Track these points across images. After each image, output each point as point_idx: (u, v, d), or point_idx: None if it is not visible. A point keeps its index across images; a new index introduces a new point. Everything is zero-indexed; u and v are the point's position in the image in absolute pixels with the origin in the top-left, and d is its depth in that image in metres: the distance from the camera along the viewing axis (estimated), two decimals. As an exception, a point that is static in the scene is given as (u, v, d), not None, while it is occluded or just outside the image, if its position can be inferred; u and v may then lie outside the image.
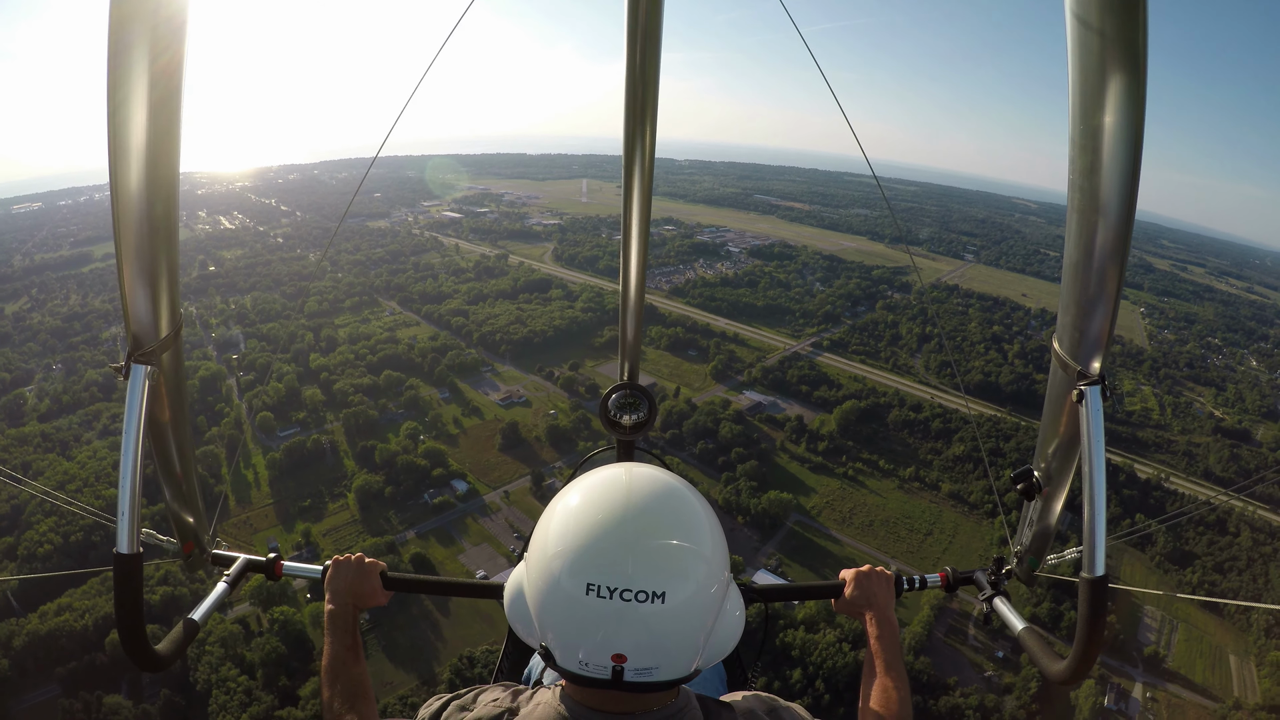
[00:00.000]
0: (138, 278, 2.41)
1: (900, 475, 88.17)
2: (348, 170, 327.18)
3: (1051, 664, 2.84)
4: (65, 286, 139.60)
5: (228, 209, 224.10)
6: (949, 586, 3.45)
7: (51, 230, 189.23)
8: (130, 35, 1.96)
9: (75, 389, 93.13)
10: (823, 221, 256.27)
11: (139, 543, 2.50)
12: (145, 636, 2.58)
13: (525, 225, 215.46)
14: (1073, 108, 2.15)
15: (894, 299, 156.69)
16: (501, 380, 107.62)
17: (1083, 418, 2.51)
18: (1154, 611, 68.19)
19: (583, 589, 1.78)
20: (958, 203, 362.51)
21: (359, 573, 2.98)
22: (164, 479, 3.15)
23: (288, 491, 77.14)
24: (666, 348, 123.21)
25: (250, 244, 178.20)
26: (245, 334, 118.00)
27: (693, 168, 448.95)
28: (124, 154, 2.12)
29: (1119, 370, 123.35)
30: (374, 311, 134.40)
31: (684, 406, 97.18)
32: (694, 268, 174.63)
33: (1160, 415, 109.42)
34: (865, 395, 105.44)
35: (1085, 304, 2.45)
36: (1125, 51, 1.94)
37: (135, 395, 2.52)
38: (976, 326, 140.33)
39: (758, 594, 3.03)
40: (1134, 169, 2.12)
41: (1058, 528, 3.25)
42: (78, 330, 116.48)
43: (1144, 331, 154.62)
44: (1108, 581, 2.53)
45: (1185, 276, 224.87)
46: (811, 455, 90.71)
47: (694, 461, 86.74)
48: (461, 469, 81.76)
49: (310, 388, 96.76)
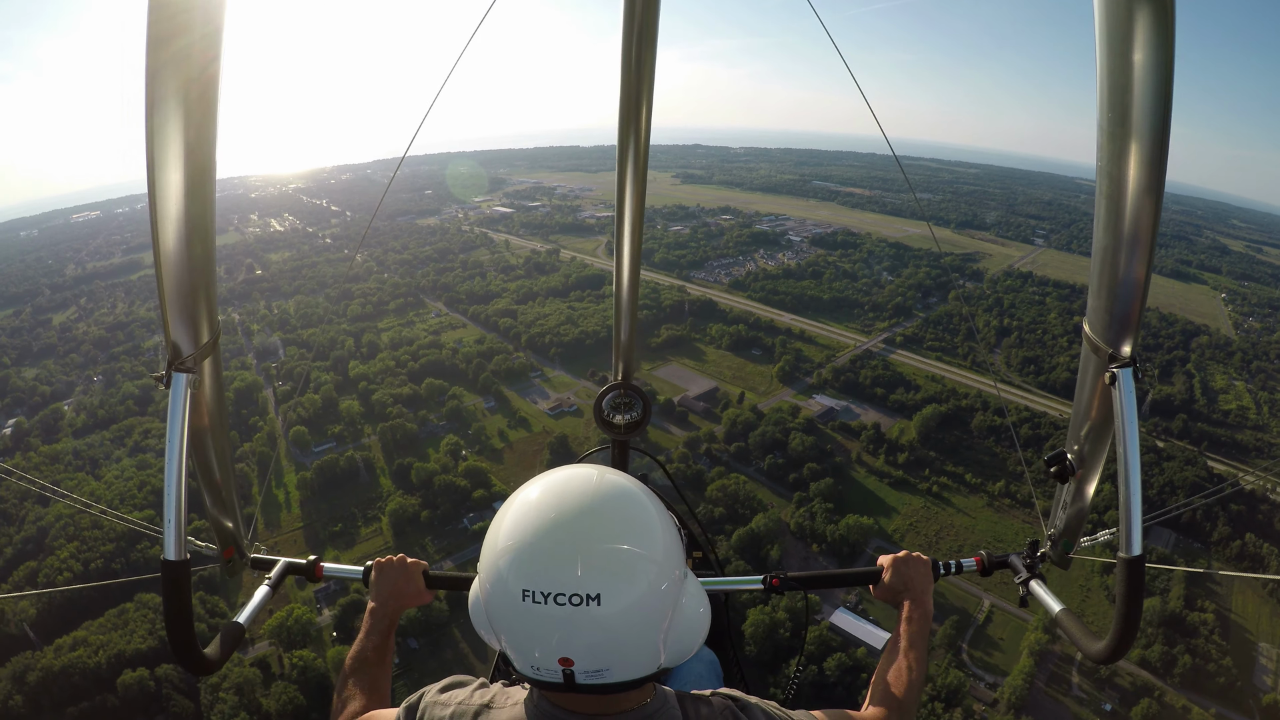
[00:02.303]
0: (176, 288, 2.45)
1: (989, 491, 79.84)
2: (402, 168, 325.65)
3: (1090, 644, 2.80)
4: (113, 294, 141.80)
5: (279, 211, 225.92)
6: (985, 570, 3.47)
7: (106, 238, 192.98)
8: (166, 45, 2.03)
9: (111, 403, 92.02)
10: (885, 207, 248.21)
11: (186, 550, 2.53)
12: (195, 641, 2.61)
13: (578, 219, 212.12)
14: (1100, 91, 2.19)
15: (966, 288, 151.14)
16: (551, 387, 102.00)
17: (1115, 400, 2.53)
18: (1269, 650, 60.42)
19: (519, 594, 1.80)
20: (1021, 184, 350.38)
21: (403, 574, 3.04)
22: (204, 486, 3.17)
23: (319, 514, 72.81)
24: (728, 347, 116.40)
25: (298, 245, 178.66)
26: (285, 341, 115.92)
27: (748, 155, 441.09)
28: (162, 165, 2.20)
29: (1209, 364, 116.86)
30: (419, 314, 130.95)
31: (750, 415, 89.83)
32: (754, 259, 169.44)
33: (1257, 415, 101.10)
34: (945, 398, 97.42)
35: (1115, 287, 2.47)
36: (1154, 26, 1.95)
37: (177, 404, 2.51)
38: (1057, 318, 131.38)
39: (797, 583, 3.21)
40: (1162, 154, 2.17)
41: (1091, 510, 3.21)
42: (120, 340, 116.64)
43: (1229, 319, 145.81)
44: (1144, 561, 2.56)
45: (1261, 259, 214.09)
46: (891, 469, 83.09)
47: (762, 478, 79.51)
48: (505, 489, 75.23)
49: (348, 398, 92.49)
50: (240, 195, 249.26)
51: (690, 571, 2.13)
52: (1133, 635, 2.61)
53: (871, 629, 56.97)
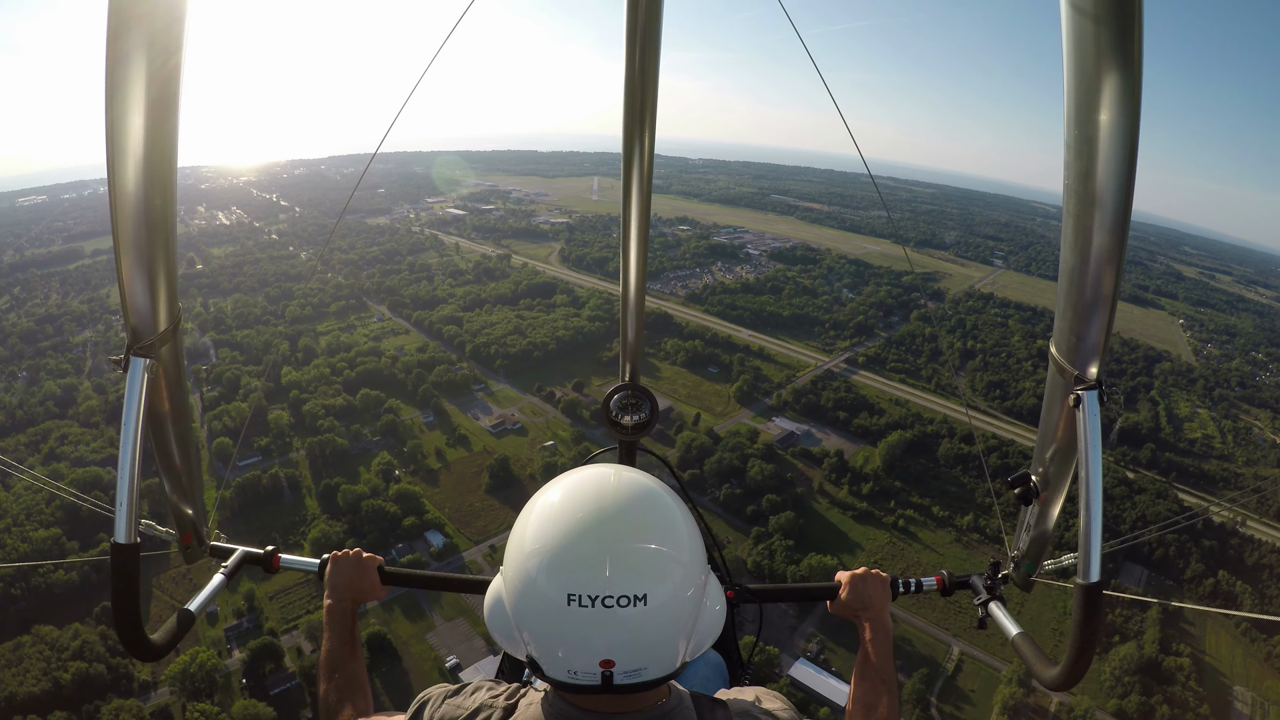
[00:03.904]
0: (136, 272, 2.44)
1: (957, 525, 76.91)
2: (355, 165, 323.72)
3: (1045, 669, 2.80)
4: (48, 284, 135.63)
5: (227, 204, 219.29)
6: (945, 590, 3.48)
7: (48, 224, 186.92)
8: (129, 34, 2.03)
9: (31, 403, 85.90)
10: (844, 223, 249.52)
11: (137, 533, 2.51)
12: (141, 626, 2.61)
13: (532, 223, 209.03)
14: (1068, 111, 2.19)
15: (928, 309, 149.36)
16: (495, 401, 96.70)
17: (1080, 422, 2.53)
18: (1244, 693, 59.13)
19: (564, 599, 1.79)
20: (978, 205, 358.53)
21: (357, 568, 3.03)
22: (163, 471, 3.13)
23: (237, 538, 63.79)
24: (684, 364, 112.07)
25: (242, 240, 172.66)
26: (217, 342, 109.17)
27: (707, 167, 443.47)
28: (122, 147, 2.19)
29: (1172, 391, 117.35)
30: (361, 317, 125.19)
31: (705, 440, 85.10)
32: (711, 271, 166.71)
33: (1222, 444, 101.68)
34: (910, 423, 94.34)
35: (1082, 309, 2.47)
36: (1120, 49, 1.96)
37: (135, 388, 2.52)
38: (1021, 341, 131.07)
39: (753, 595, 3.31)
40: (1129, 173, 2.16)
41: (1055, 533, 3.23)
42: (49, 334, 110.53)
43: (1188, 346, 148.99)
44: (1102, 588, 2.55)
45: (1215, 285, 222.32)
46: (855, 500, 79.41)
47: (718, 510, 74.96)
48: (439, 516, 70.30)
49: (278, 407, 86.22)
50: (190, 186, 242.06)
51: (711, 569, 2.15)
52: (1087, 662, 2.60)
53: (834, 684, 52.37)
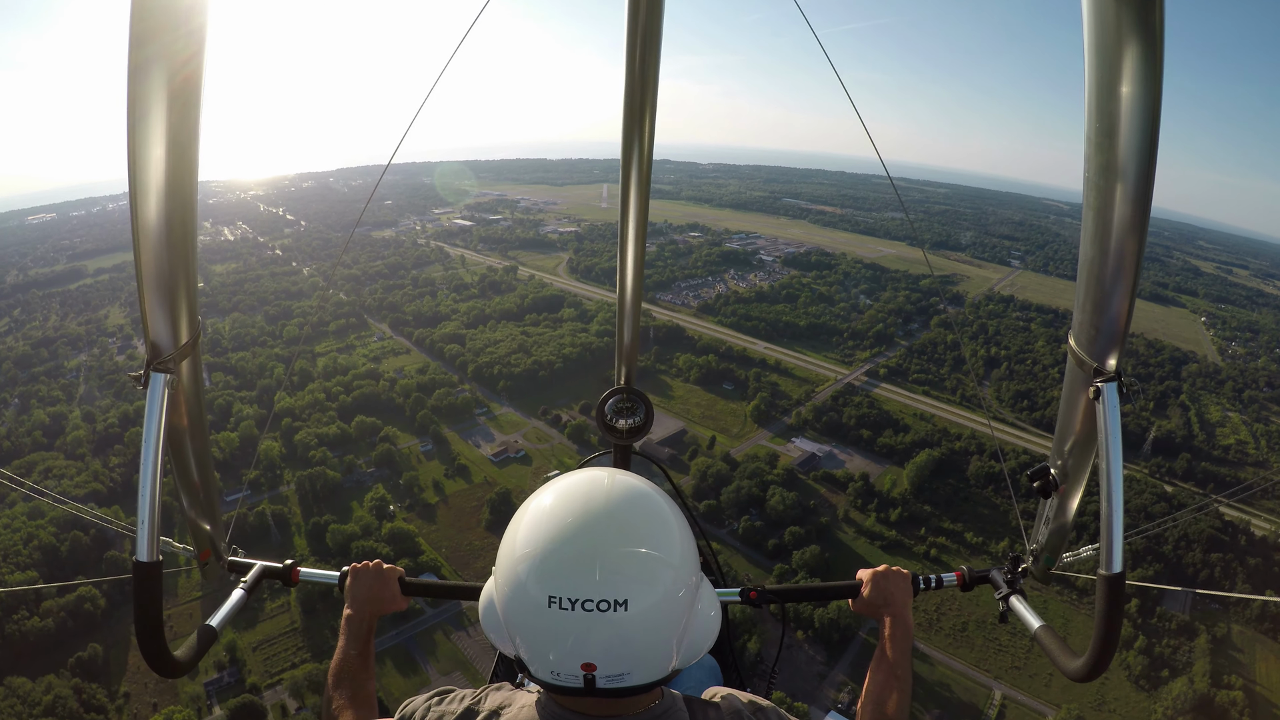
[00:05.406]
0: (156, 287, 2.44)
1: (991, 551, 71.32)
2: (363, 177, 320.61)
3: (1068, 661, 2.79)
4: (48, 306, 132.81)
5: (233, 219, 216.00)
6: (965, 585, 3.48)
7: (54, 243, 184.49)
8: (149, 50, 2.03)
9: (19, 433, 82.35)
10: (857, 226, 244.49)
11: (158, 551, 2.49)
12: (165, 643, 2.59)
13: (540, 233, 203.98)
14: (1088, 103, 2.18)
15: (948, 314, 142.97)
16: (497, 427, 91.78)
17: (1099, 415, 2.54)
18: None
19: (545, 601, 1.81)
20: (991, 204, 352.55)
21: (378, 579, 3.03)
22: (181, 487, 3.15)
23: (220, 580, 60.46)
24: (697, 381, 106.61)
25: (245, 256, 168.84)
26: (211, 366, 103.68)
27: (717, 171, 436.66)
28: (144, 164, 2.19)
29: (1201, 394, 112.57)
30: (361, 336, 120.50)
31: (722, 466, 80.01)
32: (724, 279, 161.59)
33: (1256, 450, 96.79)
34: (937, 440, 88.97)
35: (1101, 301, 2.47)
36: (1142, 32, 1.93)
37: (155, 404, 2.50)
38: (1045, 345, 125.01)
39: (776, 595, 3.26)
40: (1150, 166, 2.15)
41: (1074, 526, 3.23)
42: (44, 358, 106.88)
43: (1212, 345, 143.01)
44: (1124, 578, 2.56)
45: (1234, 280, 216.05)
46: (883, 529, 74.09)
47: (737, 544, 69.86)
48: (435, 556, 65.30)
49: (270, 437, 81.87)
50: (199, 201, 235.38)
51: (704, 575, 2.14)
52: (1111, 653, 2.59)
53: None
